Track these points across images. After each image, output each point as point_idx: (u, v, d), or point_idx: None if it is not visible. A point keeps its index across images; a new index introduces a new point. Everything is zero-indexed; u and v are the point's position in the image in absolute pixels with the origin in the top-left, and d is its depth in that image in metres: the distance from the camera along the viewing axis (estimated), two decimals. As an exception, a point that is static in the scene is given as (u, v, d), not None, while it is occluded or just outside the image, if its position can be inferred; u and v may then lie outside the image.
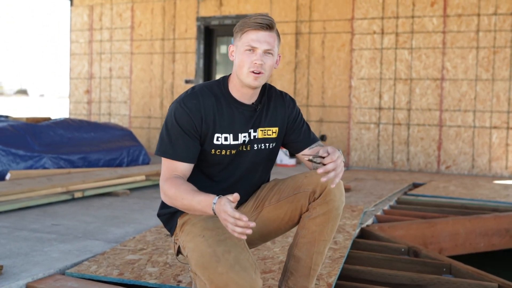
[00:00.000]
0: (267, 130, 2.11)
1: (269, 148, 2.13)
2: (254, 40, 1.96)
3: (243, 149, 2.07)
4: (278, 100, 2.16)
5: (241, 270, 1.75)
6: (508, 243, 4.27)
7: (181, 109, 1.98)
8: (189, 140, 1.98)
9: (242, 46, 1.98)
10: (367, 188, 5.40)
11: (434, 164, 7.10)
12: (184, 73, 8.47)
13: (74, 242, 3.16)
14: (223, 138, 2.03)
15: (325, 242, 2.06)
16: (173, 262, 2.75)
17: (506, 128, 6.77)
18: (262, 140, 2.10)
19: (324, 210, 2.02)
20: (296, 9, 7.79)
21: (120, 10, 9.01)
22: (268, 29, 1.98)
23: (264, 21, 1.97)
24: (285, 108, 2.16)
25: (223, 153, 2.04)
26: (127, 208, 4.24)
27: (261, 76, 1.98)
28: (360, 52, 7.42)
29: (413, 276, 2.82)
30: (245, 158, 2.09)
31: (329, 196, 2.01)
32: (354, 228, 3.55)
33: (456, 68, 6.98)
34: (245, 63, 1.97)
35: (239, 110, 2.06)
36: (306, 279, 2.08)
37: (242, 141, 2.06)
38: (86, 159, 6.36)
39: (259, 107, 2.10)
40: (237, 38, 2.02)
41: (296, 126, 2.19)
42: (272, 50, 1.99)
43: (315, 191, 2.02)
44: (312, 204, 2.03)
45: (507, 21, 6.74)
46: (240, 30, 2.00)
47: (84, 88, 9.34)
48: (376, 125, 7.37)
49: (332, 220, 2.03)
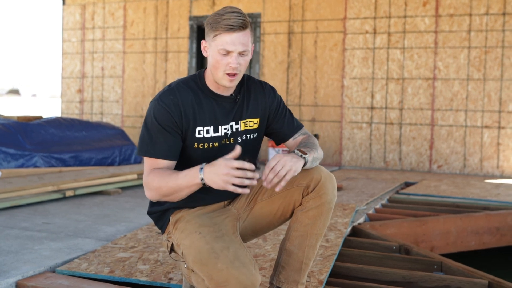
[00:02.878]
0: (248, 122, 2.11)
1: (252, 138, 2.13)
2: (229, 43, 1.90)
3: (227, 142, 2.07)
4: (258, 90, 2.15)
5: (241, 265, 1.75)
6: (499, 241, 4.29)
7: (159, 106, 1.96)
8: (170, 136, 1.97)
9: (216, 47, 1.93)
10: (359, 187, 5.41)
11: (426, 163, 7.12)
12: (177, 72, 8.46)
13: (65, 240, 3.14)
14: (204, 131, 2.02)
15: (317, 236, 2.06)
16: (164, 259, 2.74)
17: (498, 128, 6.80)
18: (244, 132, 2.10)
19: (317, 203, 2.03)
20: (288, 8, 7.79)
21: (113, 9, 8.99)
22: (241, 30, 1.91)
23: (237, 22, 1.89)
24: (266, 98, 2.15)
25: (206, 147, 2.03)
26: (119, 207, 4.23)
27: (236, 77, 1.97)
28: (353, 52, 7.44)
29: (404, 273, 2.82)
30: (229, 151, 2.09)
31: (322, 190, 2.02)
32: (346, 226, 3.55)
33: (448, 67, 7.00)
34: (220, 65, 1.94)
35: (218, 102, 2.05)
36: (297, 274, 2.08)
37: (223, 133, 2.05)
38: (77, 158, 6.34)
39: (238, 97, 2.09)
40: (209, 37, 1.96)
41: (279, 116, 2.18)
42: (246, 50, 1.95)
43: (309, 185, 2.03)
44: (305, 198, 2.05)
45: (499, 21, 6.77)
46: (213, 31, 1.93)
47: (76, 87, 9.30)
48: (368, 125, 7.38)
49: (325, 213, 2.05)
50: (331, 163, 7.56)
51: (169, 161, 1.98)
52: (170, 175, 1.89)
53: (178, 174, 1.87)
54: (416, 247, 3.29)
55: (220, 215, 2.05)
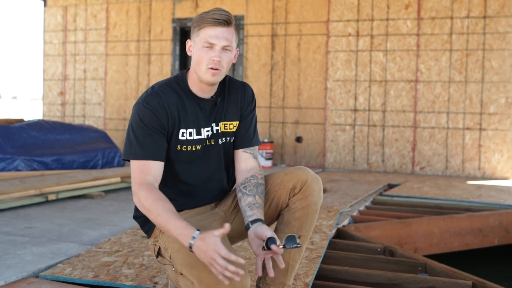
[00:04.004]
0: (228, 124, 2.11)
1: (231, 141, 2.13)
2: (212, 36, 1.94)
3: (208, 144, 2.07)
4: (239, 90, 2.14)
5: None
6: (481, 242, 4.33)
7: (145, 109, 1.95)
8: (157, 137, 1.96)
9: (200, 42, 1.96)
10: (343, 189, 5.43)
11: (409, 165, 7.17)
12: (160, 75, 8.42)
13: (48, 244, 3.11)
14: (188, 133, 2.02)
15: (303, 237, 2.07)
16: (149, 263, 2.72)
17: (479, 129, 6.88)
18: (224, 134, 2.10)
19: (303, 204, 2.04)
20: (272, 11, 7.80)
21: (95, 11, 8.93)
22: (226, 25, 1.95)
23: (222, 16, 1.93)
24: (245, 99, 2.15)
25: (189, 149, 2.03)
26: (102, 210, 4.19)
27: (218, 73, 1.97)
28: (336, 54, 7.47)
29: (389, 275, 2.84)
30: (211, 153, 2.09)
31: (309, 191, 2.04)
32: (331, 228, 3.56)
33: (430, 70, 7.06)
34: (203, 59, 1.95)
35: (200, 105, 2.05)
36: (284, 276, 2.08)
37: (205, 136, 2.06)
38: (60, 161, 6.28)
39: (218, 99, 2.09)
40: (194, 34, 1.99)
41: (246, 121, 2.15)
42: (230, 46, 1.97)
43: (295, 186, 2.04)
44: (292, 199, 2.06)
45: (479, 24, 6.85)
46: (198, 26, 1.97)
47: (58, 89, 9.22)
48: (351, 127, 7.42)
49: (311, 214, 2.06)
50: (314, 165, 7.58)
51: (159, 162, 1.96)
52: (165, 212, 1.81)
53: (171, 219, 1.79)
54: (400, 248, 3.32)
55: (208, 217, 2.05)
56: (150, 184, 1.91)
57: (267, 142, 7.40)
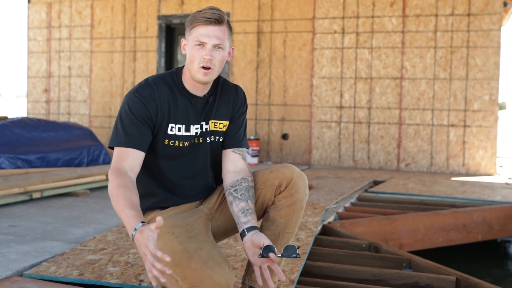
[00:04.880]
0: (218, 123, 2.11)
1: (220, 141, 2.13)
2: (203, 35, 1.95)
3: (196, 142, 2.07)
4: (232, 93, 2.16)
5: (215, 265, 1.75)
6: (465, 238, 4.37)
7: (136, 99, 1.97)
8: (143, 128, 1.96)
9: (192, 41, 1.98)
10: (328, 186, 5.45)
11: (394, 162, 7.22)
12: (145, 72, 8.38)
13: (32, 243, 3.09)
14: (176, 128, 2.03)
15: (289, 234, 2.07)
16: (135, 261, 2.72)
17: (463, 126, 6.94)
18: (213, 132, 2.10)
19: (289, 202, 2.04)
20: (257, 8, 7.80)
21: (80, 8, 8.86)
22: (217, 24, 1.96)
23: (213, 15, 1.95)
24: (237, 101, 2.16)
25: (176, 145, 2.03)
26: (87, 208, 4.17)
27: (210, 72, 1.98)
28: (321, 51, 7.49)
29: (374, 271, 2.86)
30: (198, 150, 2.09)
31: (294, 188, 2.04)
32: (316, 225, 3.58)
33: (415, 67, 7.11)
34: (195, 58, 1.97)
35: (191, 102, 2.06)
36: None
37: (194, 133, 2.06)
38: (44, 159, 6.23)
39: (211, 98, 2.09)
40: (187, 32, 2.01)
41: (236, 125, 2.16)
42: (222, 45, 1.98)
43: (281, 184, 2.05)
44: (277, 197, 2.06)
45: (464, 22, 6.90)
46: (190, 25, 1.99)
47: (42, 87, 9.15)
48: (337, 124, 7.44)
49: (296, 212, 2.06)
50: (300, 162, 7.60)
51: (139, 151, 1.95)
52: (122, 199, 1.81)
53: (124, 208, 1.78)
54: (385, 245, 3.34)
55: (192, 215, 2.04)
56: (122, 171, 1.91)
57: (253, 139, 7.40)
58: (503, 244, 4.78)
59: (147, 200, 2.09)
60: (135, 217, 1.73)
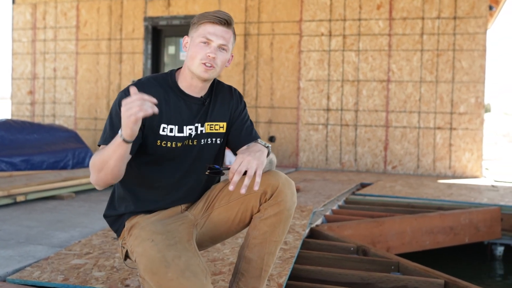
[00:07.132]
0: (214, 125, 2.09)
1: (216, 143, 2.10)
2: (211, 33, 1.96)
3: (189, 143, 2.04)
4: (226, 93, 2.14)
5: (191, 275, 1.71)
6: (453, 240, 4.38)
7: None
8: None
9: (198, 37, 1.97)
10: (316, 189, 5.44)
11: (381, 164, 7.23)
12: (132, 74, 8.33)
13: (16, 247, 3.03)
14: (168, 129, 1.99)
15: (276, 243, 2.03)
16: (121, 266, 2.68)
17: (449, 129, 6.97)
18: (208, 134, 2.07)
19: (275, 211, 1.98)
20: (244, 10, 7.78)
21: (65, 9, 8.79)
22: (225, 25, 1.98)
23: (223, 16, 1.98)
24: (233, 101, 2.14)
25: (168, 145, 2.00)
26: (72, 212, 4.12)
27: (212, 70, 1.97)
28: (308, 54, 7.48)
29: (362, 274, 2.84)
30: (191, 152, 2.05)
31: (281, 196, 1.98)
32: (304, 228, 3.56)
33: (401, 70, 7.13)
34: (198, 54, 1.96)
35: (186, 103, 2.03)
36: (257, 280, 2.06)
37: (187, 134, 2.03)
38: (29, 161, 6.16)
39: (207, 100, 2.07)
40: (193, 30, 2.01)
41: (240, 122, 2.14)
42: (226, 46, 1.99)
43: (266, 191, 1.98)
44: (263, 205, 2.00)
45: (450, 25, 6.94)
46: (198, 22, 1.99)
47: (27, 88, 9.05)
48: (324, 126, 7.44)
49: (284, 221, 2.01)
50: (287, 164, 7.59)
51: None
52: (103, 149, 1.85)
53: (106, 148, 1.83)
54: (373, 248, 3.33)
55: (175, 221, 2.00)
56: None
57: (240, 141, 7.38)
58: (489, 246, 4.79)
59: (131, 204, 2.05)
60: (115, 137, 1.79)
